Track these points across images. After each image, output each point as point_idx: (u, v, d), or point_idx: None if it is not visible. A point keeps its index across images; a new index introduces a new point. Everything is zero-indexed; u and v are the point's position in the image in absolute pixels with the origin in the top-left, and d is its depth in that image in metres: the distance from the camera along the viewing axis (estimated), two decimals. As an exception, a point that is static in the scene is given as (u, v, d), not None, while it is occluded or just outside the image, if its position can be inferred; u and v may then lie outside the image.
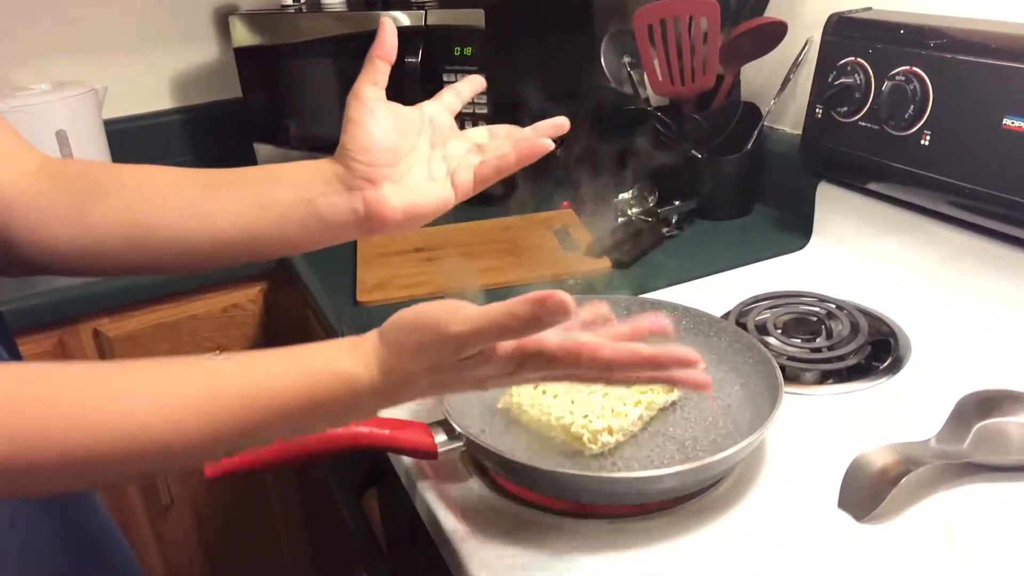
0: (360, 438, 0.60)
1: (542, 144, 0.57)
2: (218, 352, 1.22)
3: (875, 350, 0.78)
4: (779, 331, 0.80)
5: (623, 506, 0.60)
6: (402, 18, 1.20)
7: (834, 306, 0.84)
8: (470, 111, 1.18)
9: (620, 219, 1.10)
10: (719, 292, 0.90)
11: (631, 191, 1.11)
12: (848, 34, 0.93)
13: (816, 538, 0.57)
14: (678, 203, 1.11)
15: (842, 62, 0.93)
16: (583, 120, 0.56)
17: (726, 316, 0.83)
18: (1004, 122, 0.77)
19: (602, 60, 1.19)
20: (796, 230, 1.05)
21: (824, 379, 0.76)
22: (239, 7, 1.57)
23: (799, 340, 0.79)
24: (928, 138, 0.84)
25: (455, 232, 1.14)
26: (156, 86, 1.59)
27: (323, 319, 1.00)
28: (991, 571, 0.54)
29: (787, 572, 0.55)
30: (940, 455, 0.61)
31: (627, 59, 1.19)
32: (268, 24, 1.35)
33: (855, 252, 0.96)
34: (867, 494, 0.59)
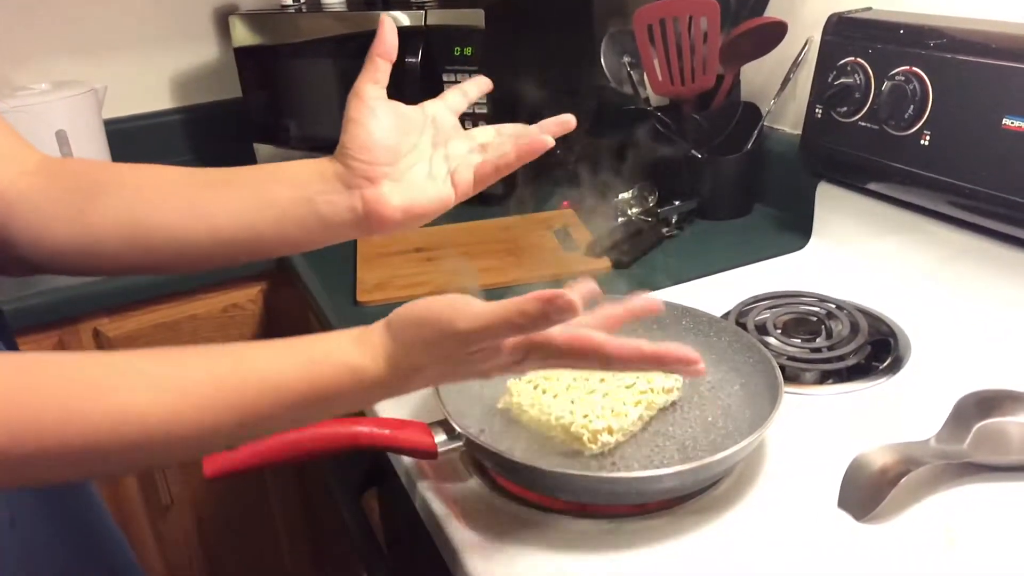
0: (360, 438, 0.60)
1: (542, 140, 0.56)
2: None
3: (875, 350, 0.78)
4: (779, 331, 0.80)
5: (623, 506, 0.60)
6: (402, 18, 1.20)
7: (834, 306, 0.84)
8: (470, 111, 1.18)
9: (620, 219, 1.10)
10: (719, 292, 0.90)
11: (631, 191, 1.11)
12: (848, 34, 0.93)
13: (816, 538, 0.57)
14: (678, 203, 1.11)
15: (842, 62, 0.93)
16: (583, 120, 0.56)
17: (726, 316, 0.83)
18: (1004, 122, 0.77)
19: (602, 60, 1.19)
20: (796, 230, 1.05)
21: (824, 379, 0.76)
22: (239, 7, 1.57)
23: (799, 340, 0.79)
24: (928, 138, 0.84)
25: (455, 232, 1.14)
26: (156, 86, 1.59)
27: (323, 319, 1.00)
28: (991, 571, 0.54)
29: (787, 572, 0.55)
30: (940, 455, 0.61)
31: (627, 59, 1.19)
32: (268, 24, 1.35)
33: (855, 252, 0.96)
34: (867, 494, 0.59)
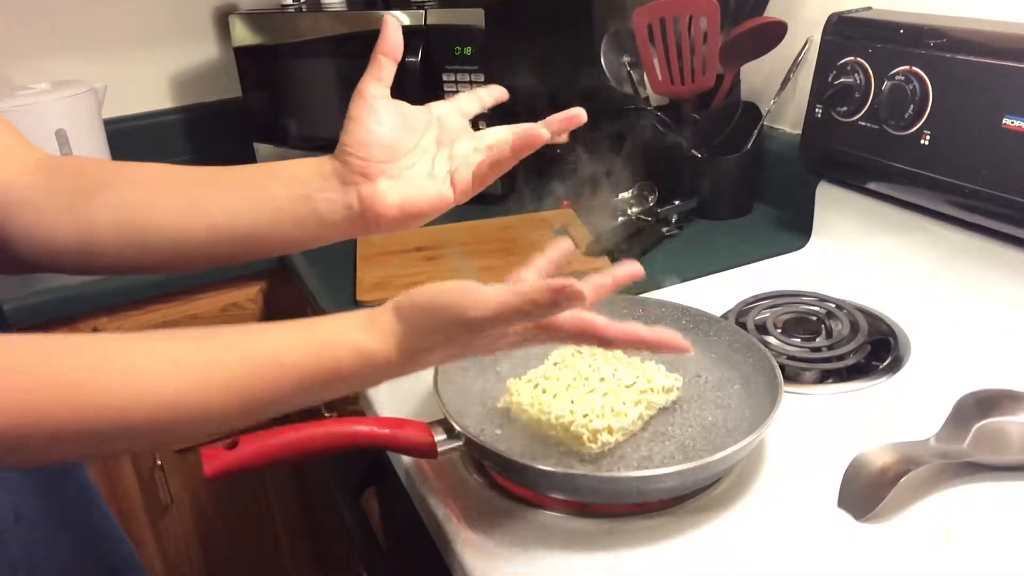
0: (360, 437, 0.60)
1: (536, 133, 0.55)
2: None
3: (875, 349, 0.78)
4: (779, 330, 0.80)
5: (623, 505, 0.60)
6: (402, 18, 1.20)
7: (834, 305, 0.84)
8: (470, 111, 1.18)
9: (620, 218, 1.10)
10: (719, 291, 0.90)
11: (631, 190, 1.11)
12: (848, 34, 0.93)
13: (816, 537, 0.57)
14: (678, 202, 1.11)
15: (842, 62, 0.93)
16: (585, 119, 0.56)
17: (726, 315, 0.83)
18: (1004, 122, 0.77)
19: (602, 59, 1.19)
20: (796, 229, 1.05)
21: (824, 378, 0.76)
22: (239, 6, 1.57)
23: (799, 339, 0.79)
24: (928, 138, 0.84)
25: (455, 231, 1.14)
26: (156, 85, 1.59)
27: (323, 318, 0.99)
28: (990, 570, 0.54)
29: (787, 571, 0.55)
30: (940, 454, 0.61)
31: (627, 58, 1.19)
32: (268, 23, 1.35)
33: (855, 252, 0.96)
34: (867, 493, 0.59)
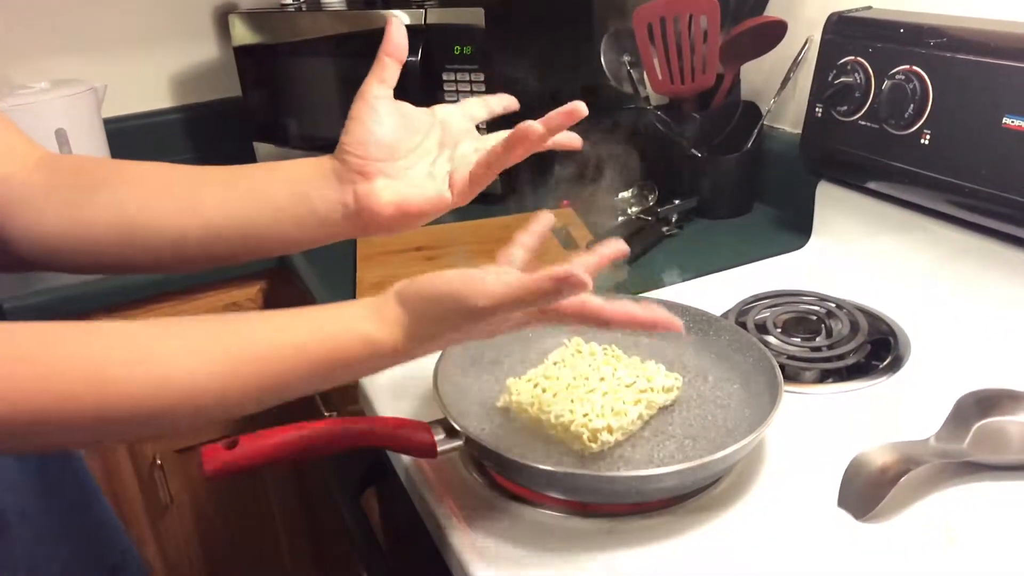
0: (360, 437, 0.60)
1: (530, 129, 0.55)
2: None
3: (875, 349, 0.78)
4: (779, 330, 0.80)
5: (623, 505, 0.60)
6: (402, 17, 1.20)
7: (834, 305, 0.84)
8: (470, 110, 1.18)
9: (620, 218, 1.10)
10: (719, 291, 0.90)
11: (631, 190, 1.11)
12: (848, 33, 0.93)
13: (816, 537, 0.57)
14: (678, 202, 1.11)
15: (842, 61, 0.93)
16: (583, 119, 0.56)
17: (726, 315, 0.83)
18: (1004, 121, 0.77)
19: (602, 59, 1.19)
20: (796, 229, 1.05)
21: (824, 378, 0.76)
22: (239, 6, 1.57)
23: (799, 339, 0.79)
24: (928, 137, 0.84)
25: (455, 231, 1.14)
26: (156, 85, 1.59)
27: (323, 318, 0.99)
28: (990, 569, 0.54)
29: (787, 571, 0.55)
30: (940, 454, 0.61)
31: (627, 58, 1.19)
32: (268, 23, 1.35)
33: (855, 251, 0.96)
34: (867, 493, 0.59)
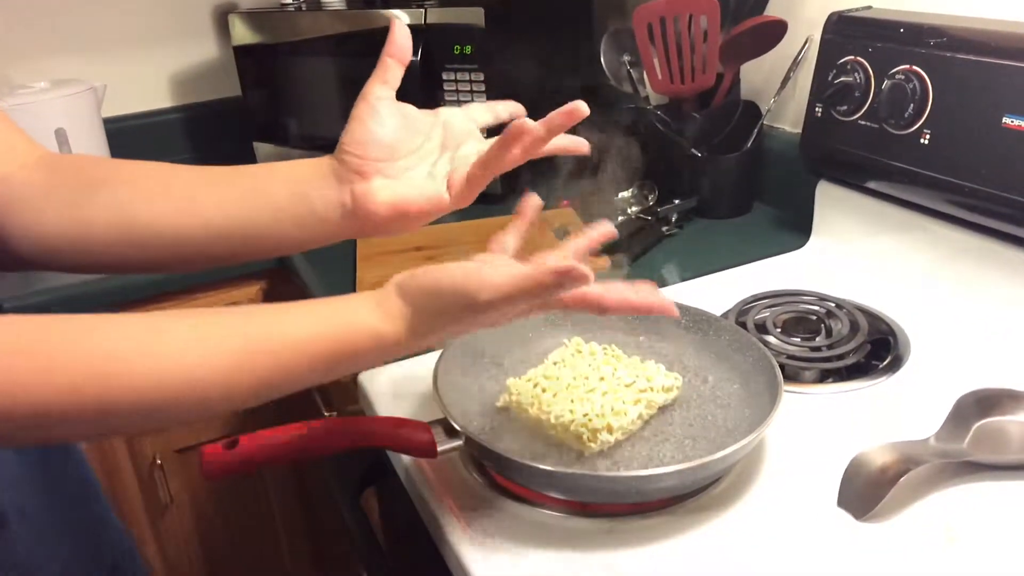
0: (360, 437, 0.60)
1: (523, 127, 0.54)
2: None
3: (874, 349, 0.78)
4: (778, 330, 0.80)
5: (622, 505, 0.60)
6: (402, 16, 1.20)
7: (833, 305, 0.84)
8: (469, 110, 1.18)
9: (620, 218, 1.10)
10: (718, 290, 0.90)
11: (631, 190, 1.11)
12: (848, 33, 0.93)
13: (815, 536, 0.57)
14: (678, 201, 1.11)
15: (842, 61, 0.93)
16: (584, 119, 0.56)
17: (725, 315, 0.83)
18: (1004, 121, 0.77)
19: (602, 58, 1.19)
20: (796, 229, 1.05)
21: (823, 378, 0.76)
22: (238, 5, 1.57)
23: (798, 339, 0.79)
24: (928, 137, 0.84)
25: (455, 231, 1.14)
26: (155, 84, 1.59)
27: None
28: (990, 569, 0.54)
29: (786, 570, 0.55)
30: (939, 454, 0.61)
31: (627, 58, 1.19)
32: (268, 22, 1.35)
33: (855, 251, 0.96)
34: (866, 492, 0.59)
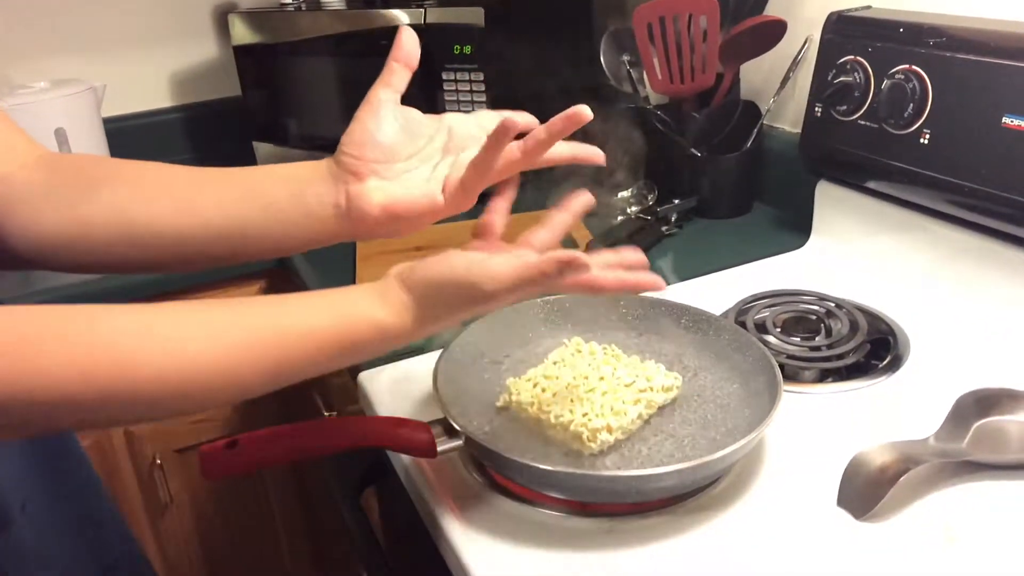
0: (360, 437, 0.60)
1: (509, 122, 0.53)
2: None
3: (874, 348, 0.78)
4: (778, 329, 0.80)
5: (622, 504, 0.60)
6: (401, 16, 1.20)
7: (833, 304, 0.84)
8: (468, 108, 1.18)
9: (619, 217, 1.10)
10: (718, 290, 0.90)
11: (630, 189, 1.11)
12: (847, 33, 0.93)
13: (815, 536, 0.57)
14: (677, 201, 1.11)
15: (841, 60, 0.93)
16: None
17: (725, 314, 0.83)
18: (1003, 121, 0.77)
19: (601, 58, 1.19)
20: (795, 228, 1.05)
21: (823, 377, 0.76)
22: (238, 5, 1.57)
23: (798, 338, 0.79)
24: (927, 136, 0.84)
25: (455, 231, 1.13)
26: (155, 84, 1.59)
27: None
28: (990, 568, 0.54)
29: (786, 570, 0.55)
30: (939, 453, 0.61)
31: (626, 57, 1.18)
32: (267, 22, 1.35)
33: (854, 250, 0.96)
34: (866, 492, 0.59)
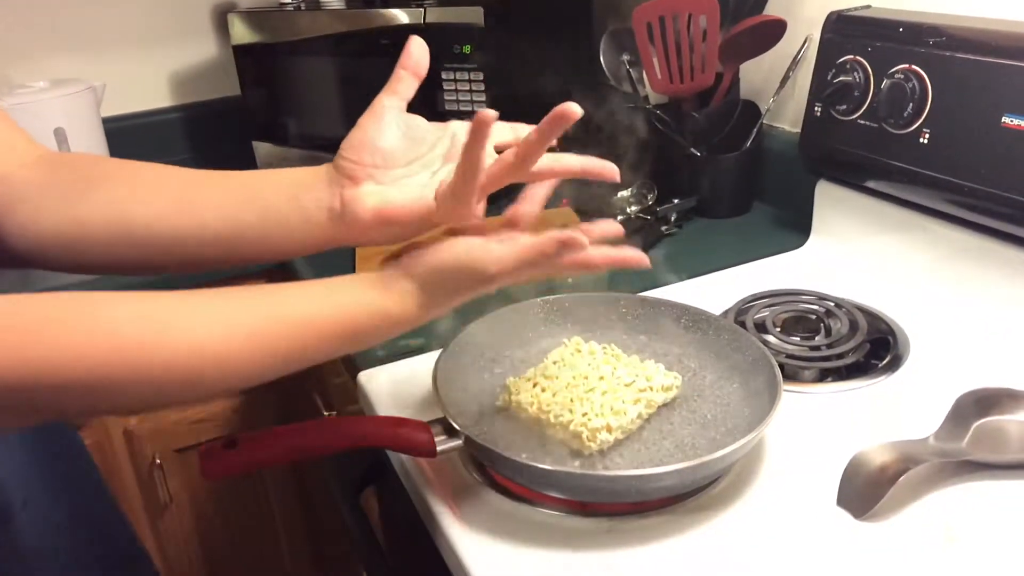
0: (359, 437, 0.60)
1: (479, 117, 0.50)
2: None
3: (874, 348, 0.78)
4: (778, 329, 0.80)
5: (622, 504, 0.60)
6: (401, 16, 1.20)
7: (833, 304, 0.84)
8: (468, 108, 1.18)
9: (619, 217, 1.10)
10: (718, 290, 0.90)
11: (630, 189, 1.11)
12: (847, 32, 0.93)
13: (815, 536, 0.57)
14: (677, 201, 1.11)
15: (841, 60, 0.93)
16: (582, 118, 0.56)
17: (725, 314, 0.83)
18: (1003, 120, 0.77)
19: (601, 58, 1.19)
20: (795, 228, 1.05)
21: (823, 377, 0.76)
22: (238, 5, 1.57)
23: (798, 338, 0.79)
24: (927, 136, 0.84)
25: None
26: (155, 84, 1.59)
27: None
28: (989, 568, 0.54)
29: (786, 570, 0.55)
30: (939, 453, 0.61)
31: (626, 57, 1.18)
32: (267, 22, 1.35)
33: (854, 250, 0.96)
34: (866, 492, 0.59)
